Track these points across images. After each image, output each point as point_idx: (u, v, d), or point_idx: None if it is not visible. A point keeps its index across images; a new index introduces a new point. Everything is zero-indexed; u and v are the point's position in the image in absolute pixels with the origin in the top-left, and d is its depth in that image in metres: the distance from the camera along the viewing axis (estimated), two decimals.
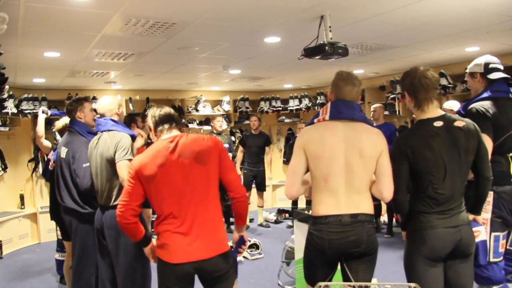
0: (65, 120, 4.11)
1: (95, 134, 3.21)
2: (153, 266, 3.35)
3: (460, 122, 2.31)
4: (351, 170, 2.27)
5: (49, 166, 4.19)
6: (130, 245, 2.90)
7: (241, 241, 2.54)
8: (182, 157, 2.30)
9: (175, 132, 2.43)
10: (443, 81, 5.95)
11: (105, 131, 3.06)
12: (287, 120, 9.05)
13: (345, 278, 2.36)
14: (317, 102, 8.28)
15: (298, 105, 8.57)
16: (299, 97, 8.59)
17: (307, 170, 2.38)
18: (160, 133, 2.42)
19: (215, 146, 2.37)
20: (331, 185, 2.28)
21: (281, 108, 8.74)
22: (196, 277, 2.37)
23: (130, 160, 2.88)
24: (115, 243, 2.93)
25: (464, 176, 2.35)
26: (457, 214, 2.30)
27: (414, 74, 2.33)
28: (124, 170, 2.83)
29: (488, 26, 4.18)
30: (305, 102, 8.49)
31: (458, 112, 2.90)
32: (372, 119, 6.23)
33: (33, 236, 6.77)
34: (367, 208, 2.32)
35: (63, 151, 3.49)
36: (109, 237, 2.95)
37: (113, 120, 3.11)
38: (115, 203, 2.95)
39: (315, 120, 2.41)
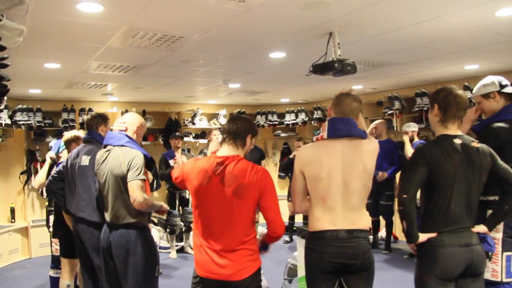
0: (75, 132, 4.02)
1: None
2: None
3: (476, 143, 2.35)
4: (348, 189, 2.34)
5: None
6: (140, 265, 2.83)
7: (264, 247, 2.58)
8: (224, 184, 2.30)
9: (234, 151, 2.38)
10: (468, 95, 5.73)
11: (117, 146, 2.97)
12: (283, 134, 9.02)
13: None
14: (314, 117, 8.28)
15: (294, 120, 8.56)
16: (295, 111, 8.58)
17: None
18: (222, 143, 2.43)
19: (259, 182, 2.30)
20: (328, 203, 2.35)
21: (277, 122, 8.73)
22: None
23: (142, 180, 2.80)
24: (124, 263, 2.83)
25: (477, 196, 2.35)
26: (468, 233, 2.30)
27: (450, 91, 2.35)
28: (136, 191, 2.75)
29: (490, 45, 4.22)
30: (302, 116, 8.48)
31: (474, 130, 2.88)
32: (374, 136, 6.12)
33: (23, 251, 6.58)
34: (363, 224, 2.38)
35: (85, 159, 3.39)
36: (117, 257, 2.85)
37: (128, 137, 3.01)
38: (124, 221, 2.86)
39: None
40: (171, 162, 6.05)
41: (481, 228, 2.37)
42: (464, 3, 2.99)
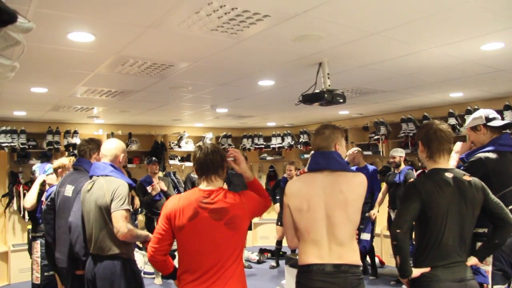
0: (63, 161, 3.94)
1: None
2: None
3: (468, 177, 2.34)
4: (332, 222, 2.30)
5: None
6: None
7: None
8: (214, 218, 2.22)
9: (216, 184, 2.34)
10: (452, 121, 5.87)
11: (101, 176, 2.92)
12: (269, 158, 9.03)
13: None
14: (300, 140, 8.31)
15: (280, 143, 8.58)
16: (281, 135, 8.61)
17: None
18: (200, 180, 2.35)
19: (249, 209, 2.31)
20: (313, 236, 2.33)
21: (263, 146, 8.74)
22: None
23: (127, 210, 2.75)
24: None
25: (470, 230, 2.34)
26: (462, 268, 2.27)
27: (430, 126, 2.38)
28: (120, 221, 2.68)
29: (474, 76, 4.32)
30: (288, 140, 8.50)
31: (461, 159, 2.92)
32: (352, 165, 5.88)
33: (2, 276, 6.36)
34: (351, 259, 2.31)
35: (69, 189, 3.29)
36: None
37: (112, 166, 2.97)
38: (109, 253, 2.78)
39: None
40: (149, 188, 5.93)
41: (472, 261, 2.36)
42: (452, 38, 3.06)
